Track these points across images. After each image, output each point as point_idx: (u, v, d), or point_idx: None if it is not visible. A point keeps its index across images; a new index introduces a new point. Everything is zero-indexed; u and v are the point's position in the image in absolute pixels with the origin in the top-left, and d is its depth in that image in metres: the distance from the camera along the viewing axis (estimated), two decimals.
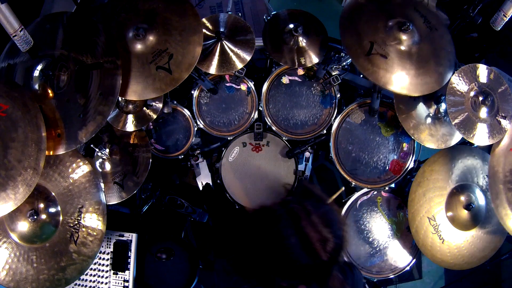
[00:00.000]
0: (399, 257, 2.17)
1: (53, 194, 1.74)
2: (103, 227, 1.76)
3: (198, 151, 2.42)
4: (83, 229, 1.73)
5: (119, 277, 1.99)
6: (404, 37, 1.78)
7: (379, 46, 1.78)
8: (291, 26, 2.09)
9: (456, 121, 1.76)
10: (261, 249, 1.15)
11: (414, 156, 2.18)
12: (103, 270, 2.00)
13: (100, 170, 1.96)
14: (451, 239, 1.94)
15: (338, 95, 2.24)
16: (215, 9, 2.96)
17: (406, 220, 2.13)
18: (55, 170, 1.75)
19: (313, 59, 2.09)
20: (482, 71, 1.83)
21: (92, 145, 1.89)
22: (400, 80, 1.77)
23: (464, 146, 2.04)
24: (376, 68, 1.76)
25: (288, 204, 1.14)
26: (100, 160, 1.97)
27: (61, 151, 1.61)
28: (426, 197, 1.95)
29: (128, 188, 1.96)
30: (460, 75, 1.80)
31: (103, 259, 2.01)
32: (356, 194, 2.21)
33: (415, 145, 2.18)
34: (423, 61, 1.81)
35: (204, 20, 2.11)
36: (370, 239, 2.18)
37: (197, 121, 2.27)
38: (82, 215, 1.74)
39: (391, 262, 2.16)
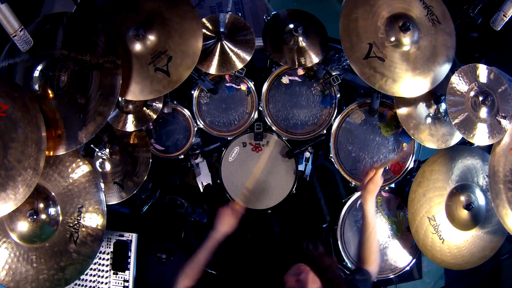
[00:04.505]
0: (399, 257, 2.17)
1: (53, 194, 1.74)
2: (103, 227, 1.76)
3: (198, 151, 2.42)
4: (83, 229, 1.73)
5: (119, 277, 1.99)
6: (404, 36, 1.78)
7: (378, 48, 1.78)
8: (291, 26, 2.09)
9: (456, 121, 1.76)
10: None
11: (414, 156, 2.18)
12: (103, 270, 2.00)
13: (100, 170, 1.96)
14: (451, 239, 1.94)
15: (338, 95, 2.24)
16: (215, 9, 2.96)
17: (406, 220, 2.13)
18: (55, 170, 1.75)
19: (313, 59, 2.09)
20: (482, 71, 1.83)
21: (92, 145, 1.89)
22: (396, 83, 1.77)
23: (464, 146, 2.04)
24: (373, 71, 1.76)
25: None
26: (100, 160, 1.97)
27: (61, 152, 1.61)
28: (426, 197, 1.95)
29: (128, 188, 1.96)
30: (460, 75, 1.80)
31: (103, 259, 2.01)
32: (356, 194, 2.21)
33: (415, 145, 2.18)
34: (421, 61, 1.81)
35: (204, 20, 2.11)
36: None
37: (197, 121, 2.27)
38: (82, 215, 1.74)
39: (391, 262, 2.16)
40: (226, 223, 1.66)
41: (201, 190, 2.58)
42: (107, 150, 1.94)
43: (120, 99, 1.95)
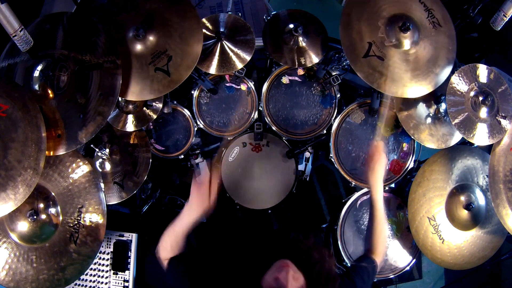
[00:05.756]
0: (399, 257, 2.17)
1: (53, 194, 1.74)
2: (103, 227, 1.76)
3: (198, 151, 2.42)
4: (83, 229, 1.73)
5: (119, 277, 1.99)
6: (403, 37, 1.78)
7: (377, 48, 1.78)
8: (291, 26, 2.09)
9: (456, 121, 1.76)
10: None
11: (414, 156, 2.18)
12: (103, 270, 2.00)
13: (100, 170, 1.96)
14: (451, 239, 1.94)
15: (338, 95, 2.24)
16: (215, 9, 2.96)
17: (406, 220, 2.13)
18: (55, 170, 1.75)
19: (313, 59, 2.09)
20: (482, 71, 1.83)
21: (92, 145, 1.89)
22: (395, 82, 1.77)
23: (464, 146, 2.04)
24: (372, 70, 1.76)
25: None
26: (100, 160, 1.97)
27: (61, 152, 1.60)
28: (426, 197, 1.95)
29: (128, 188, 1.96)
30: (460, 75, 1.80)
31: (103, 259, 2.01)
32: (356, 194, 2.21)
33: (415, 145, 2.18)
34: (420, 62, 1.81)
35: (204, 20, 2.11)
36: None
37: (197, 121, 2.27)
38: (82, 215, 1.74)
39: (391, 262, 2.16)
40: (200, 203, 1.45)
41: None
42: (107, 150, 1.94)
43: (120, 99, 1.95)
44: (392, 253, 2.17)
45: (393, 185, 2.20)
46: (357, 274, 1.39)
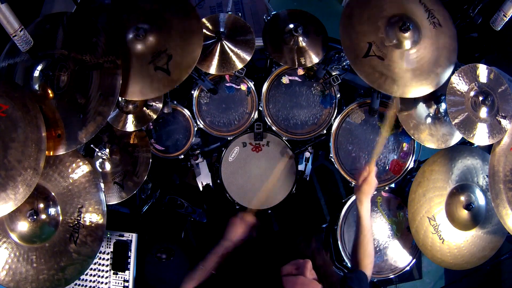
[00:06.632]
0: (399, 257, 2.17)
1: (53, 194, 1.74)
2: (103, 227, 1.76)
3: (198, 151, 2.42)
4: (83, 229, 1.73)
5: (119, 277, 1.99)
6: (403, 37, 1.78)
7: (377, 48, 1.78)
8: (291, 26, 2.09)
9: (456, 121, 1.76)
10: None
11: (414, 156, 2.18)
12: (103, 270, 2.00)
13: (100, 170, 1.96)
14: (451, 239, 1.94)
15: (338, 95, 2.24)
16: (215, 9, 2.96)
17: (406, 220, 2.13)
18: (55, 170, 1.75)
19: (313, 59, 2.09)
20: (482, 71, 1.83)
21: (92, 145, 1.89)
22: (395, 82, 1.77)
23: (464, 146, 2.04)
24: (372, 70, 1.76)
25: None
26: (100, 160, 1.97)
27: (61, 152, 1.61)
28: (426, 197, 1.95)
29: (128, 188, 1.96)
30: (460, 75, 1.79)
31: (103, 259, 2.01)
32: None
33: (415, 145, 2.18)
34: (421, 62, 1.80)
35: (204, 20, 2.11)
36: None
37: (197, 121, 2.27)
38: (82, 215, 1.74)
39: (391, 262, 2.16)
40: (236, 233, 1.61)
41: (201, 189, 2.58)
42: (107, 150, 1.94)
43: (120, 99, 1.95)
44: (392, 253, 2.17)
45: (393, 185, 2.20)
46: (352, 281, 1.41)
